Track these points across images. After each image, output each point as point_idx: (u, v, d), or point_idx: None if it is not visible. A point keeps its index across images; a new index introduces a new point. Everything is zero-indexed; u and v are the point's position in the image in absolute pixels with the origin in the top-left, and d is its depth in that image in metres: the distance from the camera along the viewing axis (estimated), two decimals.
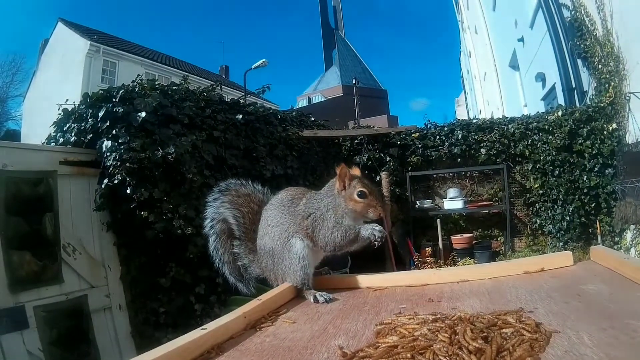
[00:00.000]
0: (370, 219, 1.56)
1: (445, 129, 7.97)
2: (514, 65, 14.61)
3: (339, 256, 1.65)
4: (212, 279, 4.35)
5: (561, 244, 7.00)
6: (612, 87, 6.79)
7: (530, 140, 7.35)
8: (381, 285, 1.56)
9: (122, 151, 4.03)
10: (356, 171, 1.65)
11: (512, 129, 7.46)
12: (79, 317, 3.78)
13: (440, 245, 7.36)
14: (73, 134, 4.41)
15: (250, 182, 1.85)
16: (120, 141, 4.09)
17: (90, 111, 4.37)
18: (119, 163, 4.02)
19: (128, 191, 3.99)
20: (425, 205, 7.77)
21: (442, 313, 1.10)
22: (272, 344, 1.07)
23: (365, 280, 1.62)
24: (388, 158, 7.77)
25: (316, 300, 1.46)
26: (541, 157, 7.21)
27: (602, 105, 6.89)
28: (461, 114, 27.46)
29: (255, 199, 1.81)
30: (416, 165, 7.91)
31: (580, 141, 6.91)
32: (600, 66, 7.15)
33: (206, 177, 4.63)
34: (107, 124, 4.19)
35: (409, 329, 0.99)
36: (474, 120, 8.26)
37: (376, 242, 1.53)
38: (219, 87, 6.04)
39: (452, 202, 7.51)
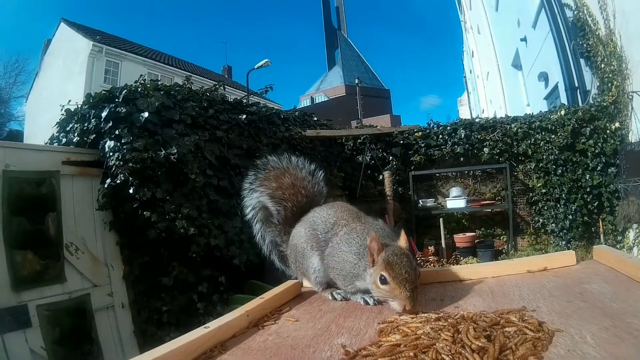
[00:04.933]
0: (395, 309, 1.21)
1: (448, 128, 7.97)
2: (517, 64, 14.58)
3: None
4: (214, 278, 4.36)
5: (564, 242, 6.99)
6: (614, 87, 6.77)
7: (533, 140, 7.34)
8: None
9: (124, 151, 4.05)
10: (402, 241, 1.31)
11: (515, 128, 7.45)
12: (82, 316, 3.80)
13: (443, 244, 7.36)
14: (76, 134, 4.43)
15: (302, 162, 1.71)
16: (123, 141, 4.10)
17: (93, 111, 4.39)
18: (121, 163, 4.04)
19: (131, 191, 4.01)
20: (428, 204, 7.77)
21: (445, 312, 1.10)
22: (275, 342, 1.07)
23: None
24: (391, 157, 7.79)
25: (334, 298, 1.43)
26: (544, 156, 7.20)
27: (604, 104, 6.87)
28: (464, 114, 27.49)
29: (305, 191, 1.67)
30: (419, 165, 7.92)
31: (583, 140, 6.90)
32: (602, 65, 7.12)
33: (209, 177, 4.65)
34: (110, 124, 4.21)
35: (412, 327, 0.99)
36: (477, 120, 8.25)
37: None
38: (221, 87, 6.04)
39: (455, 201, 7.50)
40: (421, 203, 7.82)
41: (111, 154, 4.11)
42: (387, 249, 1.25)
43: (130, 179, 4.02)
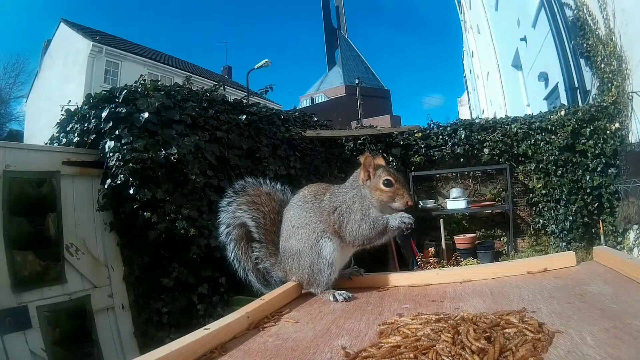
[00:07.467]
0: (397, 208, 1.50)
1: (448, 128, 7.98)
2: (517, 64, 14.59)
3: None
4: (214, 279, 4.35)
5: (564, 244, 6.99)
6: (614, 87, 6.77)
7: (533, 140, 7.35)
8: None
9: (125, 152, 4.05)
10: (380, 160, 1.56)
11: (515, 129, 7.45)
12: (82, 317, 3.79)
13: (443, 245, 7.36)
14: (76, 134, 4.43)
15: (268, 181, 1.77)
16: (123, 142, 4.10)
17: (93, 112, 4.39)
18: (122, 163, 4.03)
19: (131, 191, 4.00)
20: (428, 205, 7.77)
21: (445, 313, 1.10)
22: (275, 344, 1.07)
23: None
24: (391, 158, 7.77)
25: (335, 299, 1.43)
26: (544, 157, 7.20)
27: (604, 104, 6.87)
28: (464, 114, 27.49)
29: (276, 197, 1.73)
30: (419, 165, 7.92)
31: (583, 141, 6.90)
32: (602, 65, 7.13)
33: (209, 177, 4.64)
34: (110, 124, 4.21)
35: (412, 329, 0.99)
36: (477, 120, 8.26)
37: (407, 230, 1.48)
38: (221, 88, 6.03)
39: (455, 202, 7.50)
40: (421, 204, 7.81)
41: (111, 154, 4.11)
42: (380, 165, 1.53)
43: (131, 179, 4.01)
